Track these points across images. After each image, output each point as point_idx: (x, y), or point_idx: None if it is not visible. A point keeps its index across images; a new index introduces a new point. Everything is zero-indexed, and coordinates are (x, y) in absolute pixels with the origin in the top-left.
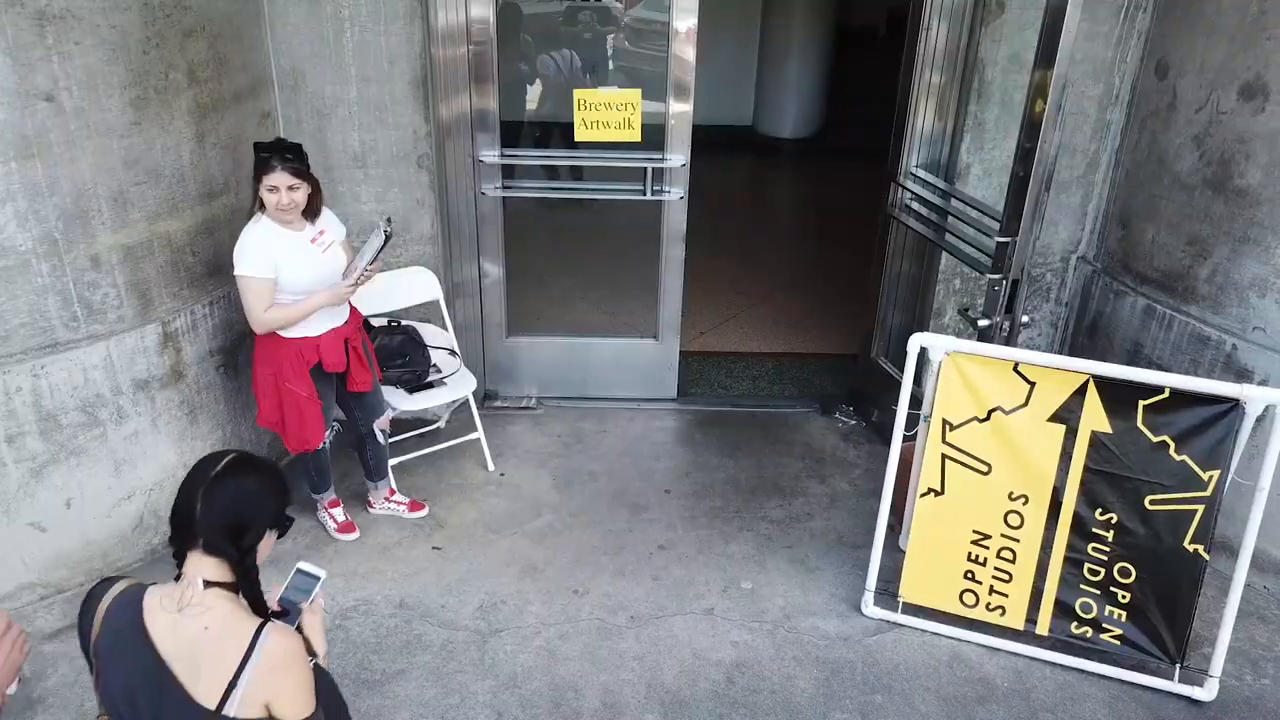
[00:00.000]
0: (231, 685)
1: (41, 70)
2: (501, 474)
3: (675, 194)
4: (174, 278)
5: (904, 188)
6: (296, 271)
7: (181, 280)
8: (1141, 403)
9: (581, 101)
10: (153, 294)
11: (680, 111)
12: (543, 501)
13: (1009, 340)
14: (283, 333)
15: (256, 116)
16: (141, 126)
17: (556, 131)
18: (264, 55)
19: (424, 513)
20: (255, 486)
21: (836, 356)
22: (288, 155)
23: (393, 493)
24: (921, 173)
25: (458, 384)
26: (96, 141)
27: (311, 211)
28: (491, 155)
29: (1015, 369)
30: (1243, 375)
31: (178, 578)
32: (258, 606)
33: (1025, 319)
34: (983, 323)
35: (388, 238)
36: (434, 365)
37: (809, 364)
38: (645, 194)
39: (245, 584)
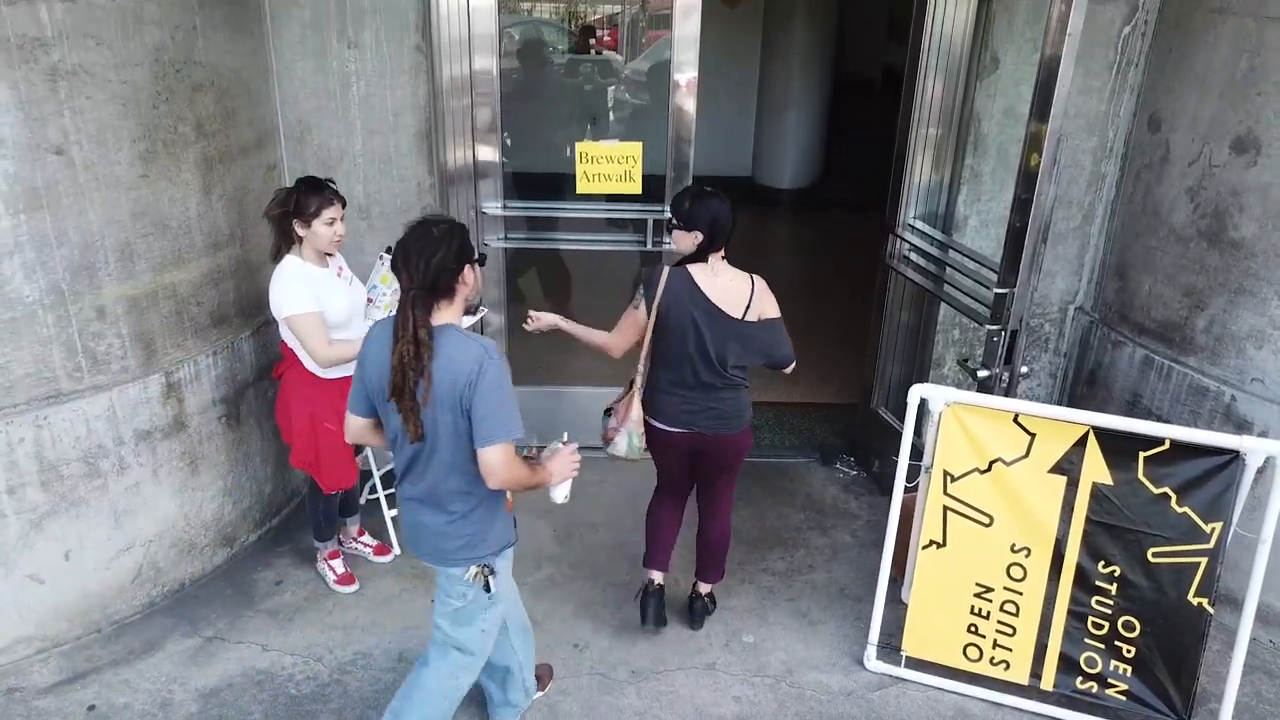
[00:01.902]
0: (746, 306)
1: (53, 124)
2: None
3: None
4: (178, 328)
5: (902, 239)
6: (336, 304)
7: (186, 330)
8: (1142, 454)
9: (583, 154)
10: (157, 344)
11: (680, 161)
12: (543, 553)
13: (1009, 391)
14: (320, 373)
15: (263, 169)
16: (149, 179)
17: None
18: (271, 109)
19: (389, 557)
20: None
21: (837, 406)
22: (332, 188)
23: (362, 532)
24: (919, 224)
25: None
26: (105, 194)
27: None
28: (494, 207)
29: (1015, 420)
30: (1243, 426)
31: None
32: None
33: (1024, 370)
34: (982, 374)
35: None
36: None
37: (809, 414)
38: (647, 244)
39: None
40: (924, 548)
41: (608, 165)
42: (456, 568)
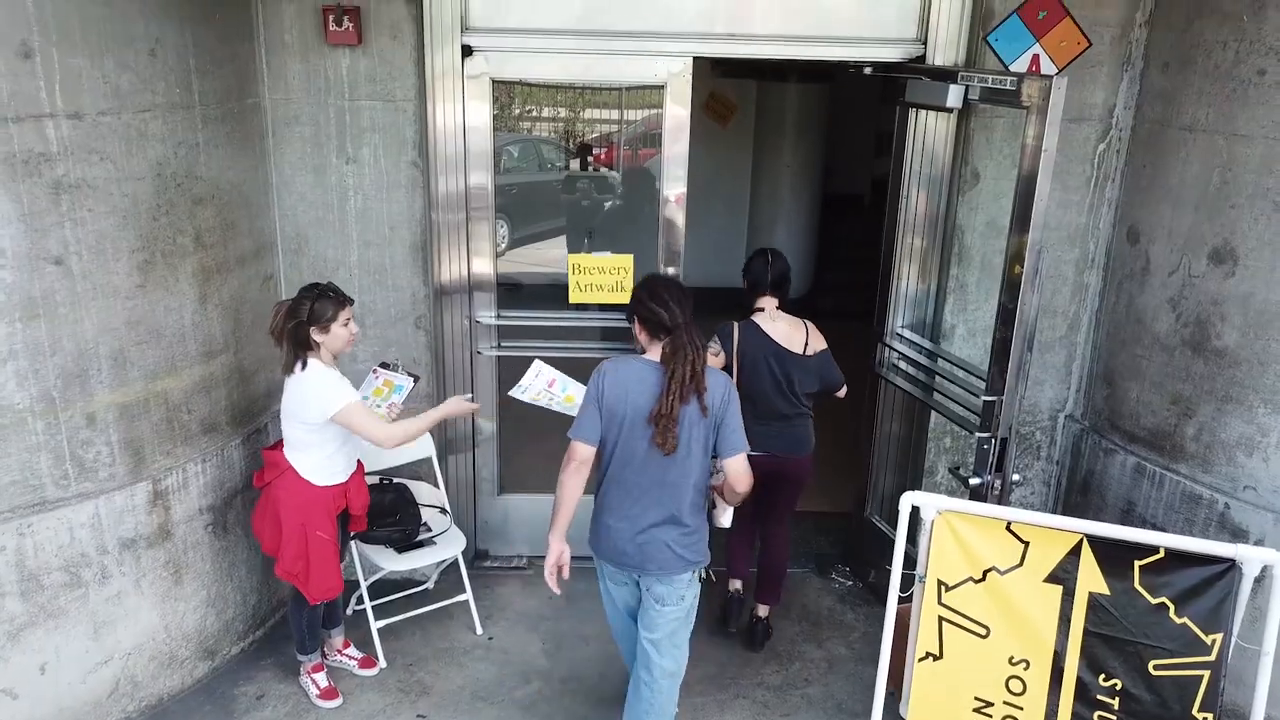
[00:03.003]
0: (805, 343)
1: (54, 235)
2: (490, 637)
3: None
4: (168, 435)
5: (891, 348)
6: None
7: (175, 438)
8: (1137, 563)
9: (576, 266)
10: (145, 452)
11: (670, 274)
12: (532, 667)
13: (1001, 499)
14: (316, 481)
15: (260, 279)
16: (146, 289)
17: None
18: (270, 221)
19: (375, 670)
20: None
21: (832, 515)
22: (343, 292)
23: (347, 644)
24: (907, 333)
25: (447, 543)
26: (101, 303)
27: None
28: (488, 316)
29: (1008, 528)
30: (1238, 534)
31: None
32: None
33: (1016, 477)
34: (974, 481)
35: (416, 380)
36: (424, 524)
37: (804, 523)
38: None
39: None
40: (920, 660)
41: (600, 276)
42: (686, 573)
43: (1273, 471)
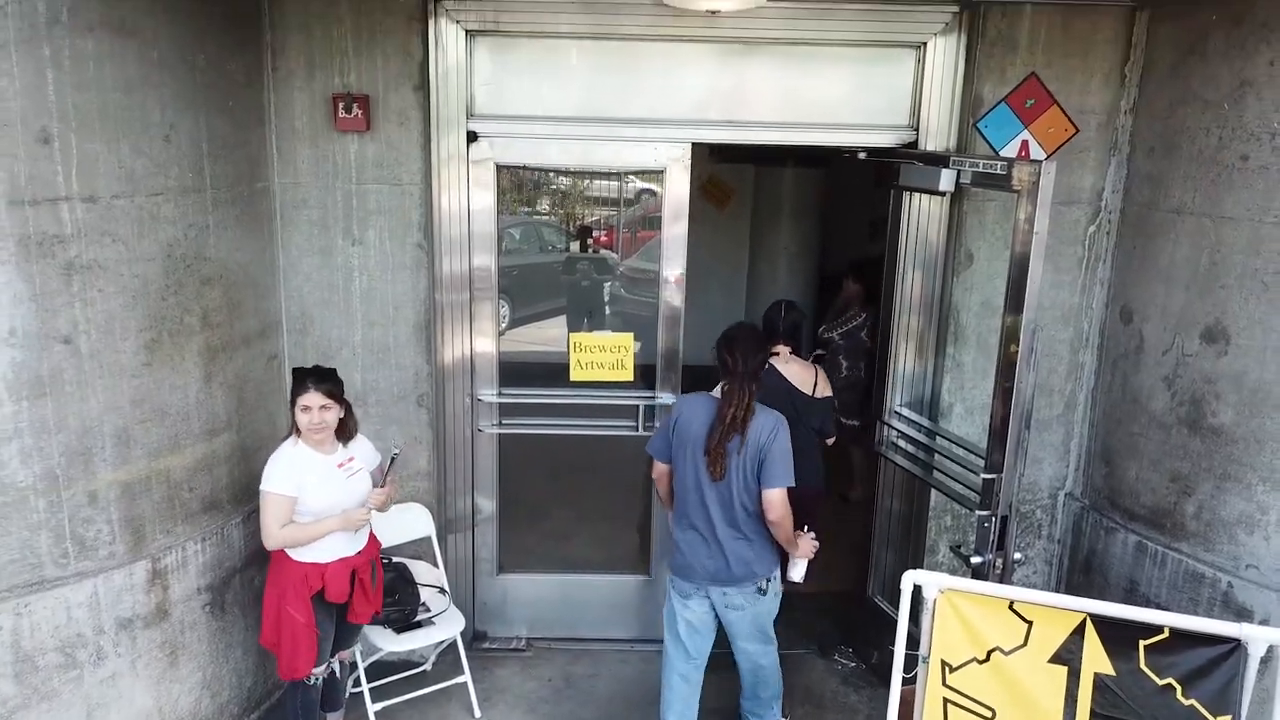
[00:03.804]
0: (814, 385)
1: (64, 315)
2: None
3: None
4: (169, 514)
5: (890, 426)
6: (318, 493)
7: (176, 516)
8: (1142, 643)
9: (577, 344)
10: (146, 530)
11: (670, 351)
12: None
13: (1004, 578)
14: (293, 555)
15: (264, 358)
16: (152, 367)
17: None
18: (276, 301)
19: None
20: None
21: (834, 595)
22: (324, 377)
23: None
24: (906, 411)
25: (446, 624)
26: (107, 381)
27: (344, 435)
28: (489, 394)
29: (1011, 607)
30: (1243, 614)
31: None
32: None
33: (1018, 556)
34: (975, 560)
35: (395, 457)
36: (423, 604)
37: (806, 603)
38: (638, 429)
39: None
40: None
41: (601, 354)
42: (751, 584)
43: (1274, 550)
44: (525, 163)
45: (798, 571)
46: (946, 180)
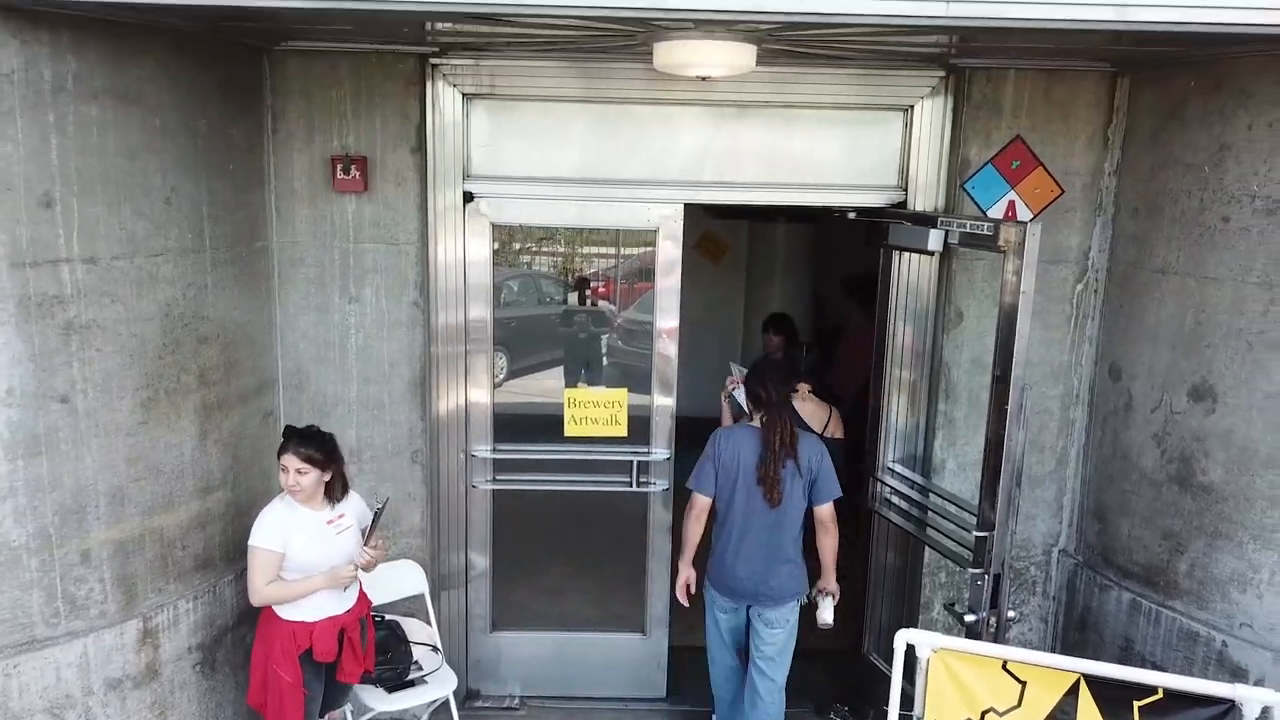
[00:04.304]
0: (825, 424)
1: (61, 374)
2: None
3: (659, 486)
4: (161, 572)
5: (883, 482)
6: (304, 550)
7: (169, 574)
8: (1136, 703)
9: (571, 400)
10: (138, 589)
11: (663, 405)
12: None
13: (998, 636)
14: (280, 613)
15: (260, 415)
16: (148, 425)
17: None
18: (273, 358)
19: None
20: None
21: (829, 652)
22: (306, 440)
23: None
24: (899, 468)
25: (439, 683)
26: (103, 440)
27: (332, 495)
28: (484, 450)
29: (1004, 667)
30: (1238, 673)
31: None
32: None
33: (1012, 614)
34: (969, 618)
35: (378, 514)
36: (415, 662)
37: (802, 660)
38: (631, 485)
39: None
40: None
41: (595, 410)
42: (790, 600)
43: (1267, 608)
44: (520, 222)
45: (826, 612)
46: (935, 240)
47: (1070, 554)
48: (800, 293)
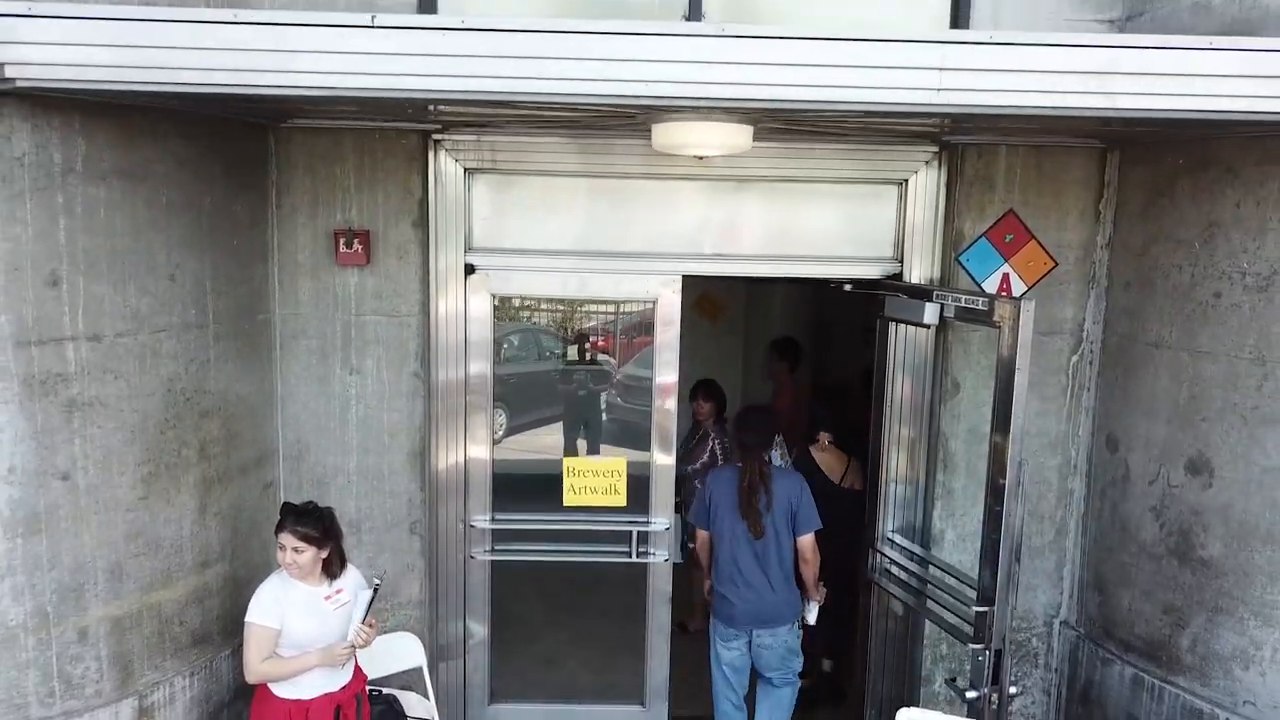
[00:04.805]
0: (842, 475)
1: (63, 452)
2: None
3: (659, 556)
4: (158, 648)
5: (882, 554)
6: (301, 626)
7: (166, 650)
8: None
9: (570, 469)
10: (134, 666)
11: (663, 464)
12: None
13: (1000, 713)
14: (275, 691)
15: (260, 487)
16: (148, 501)
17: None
18: (273, 429)
19: None
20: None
21: None
22: (303, 518)
23: None
24: (898, 538)
25: None
26: (103, 516)
27: (330, 572)
28: (483, 520)
29: None
30: None
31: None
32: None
33: (1014, 689)
34: (971, 694)
35: (375, 591)
36: None
37: None
38: (631, 556)
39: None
40: None
41: (594, 479)
42: (784, 625)
43: (1270, 686)
44: (521, 294)
45: (811, 614)
46: (930, 314)
47: (1072, 625)
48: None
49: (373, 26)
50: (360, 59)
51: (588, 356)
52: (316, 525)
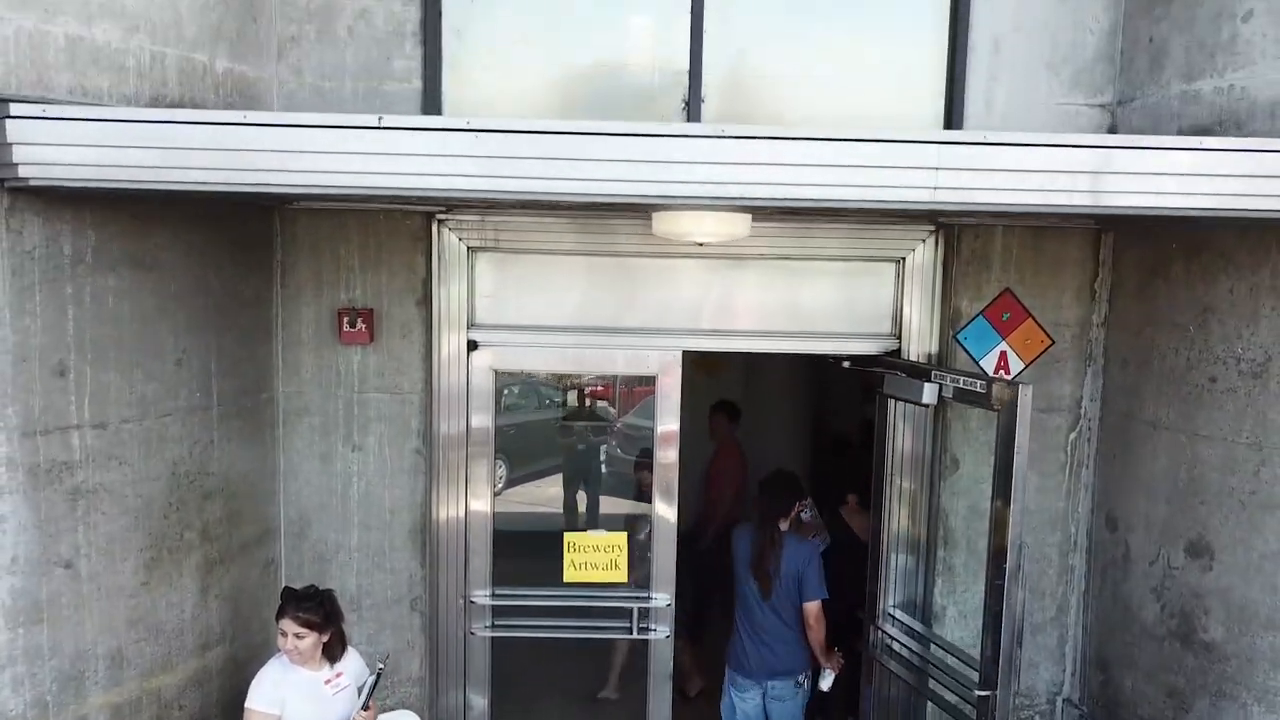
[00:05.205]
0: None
1: (66, 540)
2: None
3: (661, 633)
4: None
5: (883, 630)
6: (301, 711)
7: None
8: None
9: (571, 544)
10: None
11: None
12: None
13: None
14: None
15: (261, 565)
16: (150, 586)
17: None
18: (275, 507)
19: None
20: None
21: None
22: (304, 604)
23: None
24: (899, 614)
25: None
26: (105, 603)
27: (331, 656)
28: (483, 596)
29: None
30: None
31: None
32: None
33: None
34: None
35: (379, 676)
36: None
37: None
38: (632, 632)
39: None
40: None
41: (594, 555)
42: (793, 677)
43: None
44: (523, 368)
45: (826, 682)
46: (929, 394)
47: (1075, 704)
48: (800, 406)
49: (380, 127)
50: (369, 159)
51: (587, 404)
52: (318, 610)
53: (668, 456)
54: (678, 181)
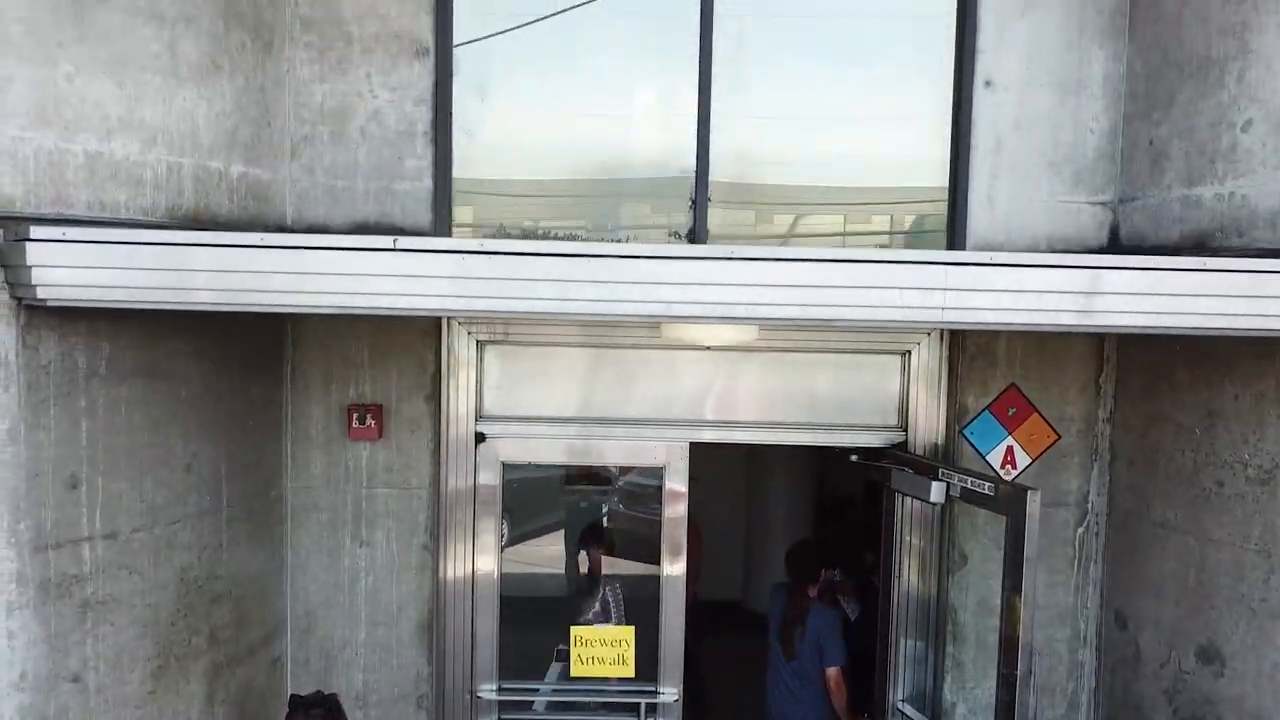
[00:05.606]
0: None
1: (75, 654)
2: None
3: None
4: None
5: None
6: None
7: None
8: None
9: (578, 638)
10: None
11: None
12: None
13: None
14: None
15: (267, 664)
16: (156, 695)
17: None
18: (282, 604)
19: None
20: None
21: None
22: (312, 712)
23: None
24: (908, 709)
25: None
26: (111, 715)
27: None
28: (489, 690)
29: None
30: None
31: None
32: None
33: None
34: None
35: None
36: None
37: None
38: None
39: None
40: None
41: (602, 649)
42: None
43: None
44: (531, 460)
45: None
46: (937, 493)
47: None
48: (802, 470)
49: (395, 249)
50: (383, 280)
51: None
52: (324, 717)
53: (676, 568)
54: (688, 302)
